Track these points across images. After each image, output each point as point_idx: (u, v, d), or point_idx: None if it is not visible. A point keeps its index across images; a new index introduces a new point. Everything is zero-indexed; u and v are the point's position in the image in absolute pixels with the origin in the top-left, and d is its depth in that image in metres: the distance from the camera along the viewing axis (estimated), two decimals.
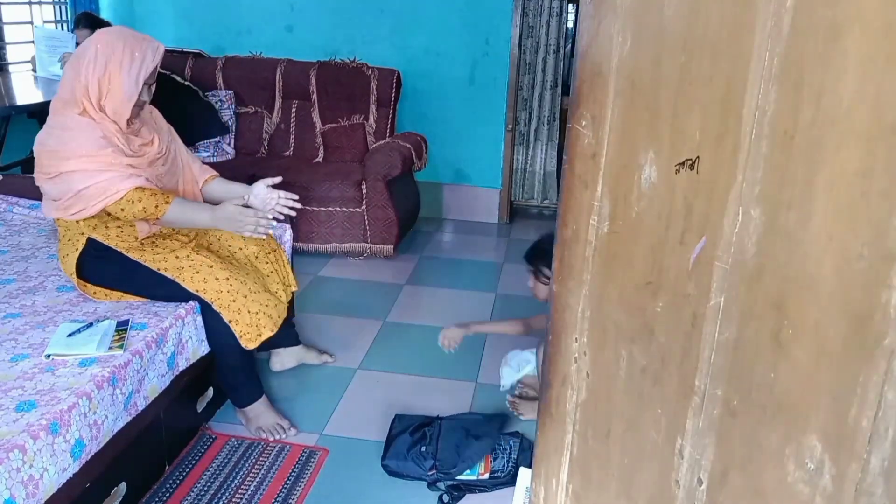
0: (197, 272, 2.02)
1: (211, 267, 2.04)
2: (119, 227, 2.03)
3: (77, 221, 2.01)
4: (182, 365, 2.02)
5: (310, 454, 2.11)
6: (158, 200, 1.96)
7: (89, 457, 1.60)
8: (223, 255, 2.22)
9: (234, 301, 2.04)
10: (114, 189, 1.90)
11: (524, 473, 1.59)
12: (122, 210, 1.93)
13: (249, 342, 2.07)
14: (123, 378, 1.72)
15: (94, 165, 1.89)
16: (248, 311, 2.05)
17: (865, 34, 0.61)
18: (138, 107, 1.98)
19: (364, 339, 2.87)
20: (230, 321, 2.04)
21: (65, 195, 1.92)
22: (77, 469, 1.56)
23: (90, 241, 2.02)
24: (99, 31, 1.97)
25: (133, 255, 2.03)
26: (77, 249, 2.02)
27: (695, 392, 0.87)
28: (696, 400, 0.87)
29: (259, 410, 2.20)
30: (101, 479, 1.68)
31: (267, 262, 2.29)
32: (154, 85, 2.02)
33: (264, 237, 2.12)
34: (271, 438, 2.16)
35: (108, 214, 2.00)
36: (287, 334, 2.50)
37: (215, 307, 2.02)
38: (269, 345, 2.46)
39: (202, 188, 2.28)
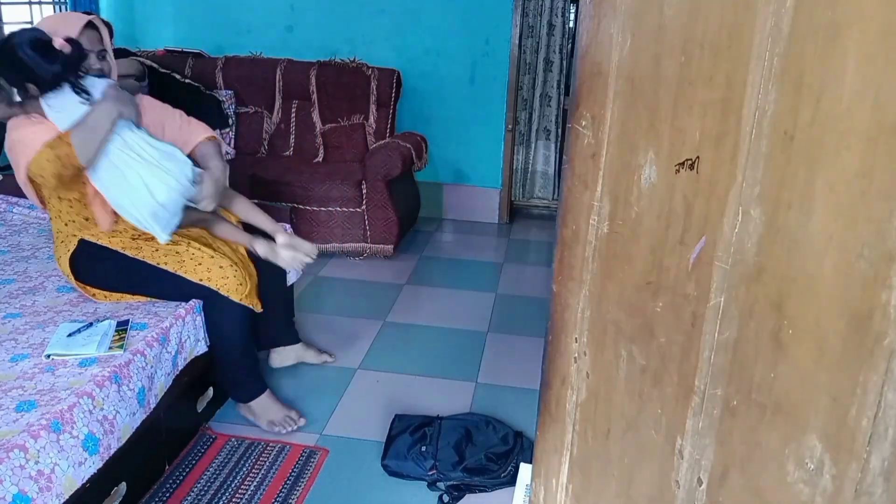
0: (199, 263, 2.04)
1: (212, 257, 2.06)
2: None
3: (66, 224, 2.04)
4: (180, 364, 2.02)
5: (310, 454, 2.11)
6: (59, 136, 1.86)
7: (111, 451, 1.63)
8: (224, 251, 2.23)
9: (241, 284, 2.07)
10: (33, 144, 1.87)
11: (525, 470, 1.59)
12: (39, 166, 1.85)
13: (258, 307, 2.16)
14: (128, 375, 1.73)
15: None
16: (254, 282, 2.14)
17: (865, 34, 0.61)
18: None
19: (364, 339, 2.87)
20: (241, 299, 2.06)
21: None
22: (101, 464, 1.58)
23: (82, 242, 2.03)
24: None
25: (130, 253, 2.03)
26: (69, 251, 2.04)
27: (695, 392, 0.87)
28: (696, 400, 0.87)
29: (266, 404, 2.22)
30: (101, 479, 1.68)
31: None
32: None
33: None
34: (284, 431, 2.19)
35: (87, 219, 2.01)
36: (287, 332, 2.51)
37: (223, 293, 2.03)
38: (269, 343, 2.47)
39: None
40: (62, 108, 1.90)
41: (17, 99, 1.89)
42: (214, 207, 2.13)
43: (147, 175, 1.94)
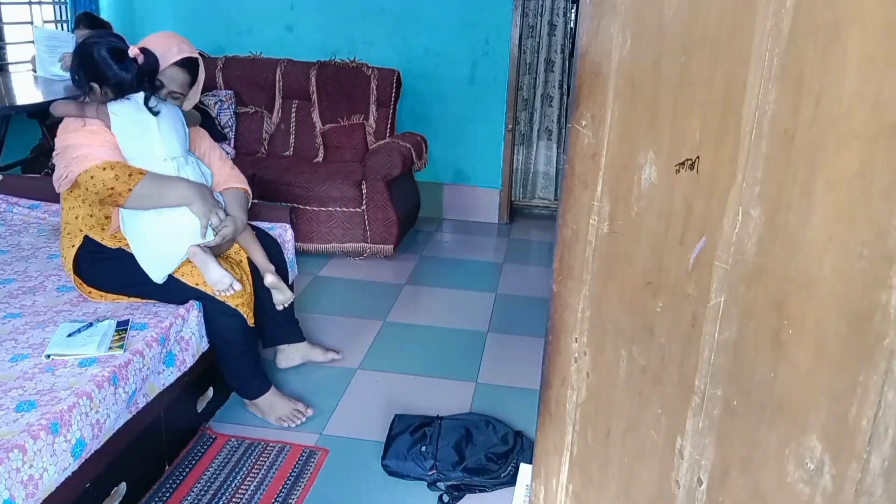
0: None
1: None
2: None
3: (76, 217, 2.03)
4: (182, 364, 2.02)
5: (310, 454, 2.11)
6: (132, 170, 1.93)
7: (89, 454, 1.60)
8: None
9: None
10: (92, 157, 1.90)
11: (525, 470, 1.59)
12: (92, 178, 1.88)
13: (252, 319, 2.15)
14: (125, 377, 1.72)
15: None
16: (249, 294, 2.12)
17: (865, 34, 0.61)
18: None
19: (364, 339, 2.87)
20: (237, 305, 2.06)
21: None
22: (76, 468, 1.55)
23: (87, 239, 2.03)
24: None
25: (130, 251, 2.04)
26: (74, 246, 2.04)
27: (695, 392, 0.87)
28: (696, 400, 0.87)
29: (272, 400, 2.24)
30: (101, 479, 1.68)
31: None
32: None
33: (211, 237, 2.07)
34: (294, 425, 2.22)
35: (107, 217, 2.01)
36: (291, 331, 2.51)
37: (219, 298, 2.03)
38: (273, 340, 2.47)
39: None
40: (126, 117, 1.94)
41: (83, 98, 1.95)
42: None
43: (180, 218, 1.99)
